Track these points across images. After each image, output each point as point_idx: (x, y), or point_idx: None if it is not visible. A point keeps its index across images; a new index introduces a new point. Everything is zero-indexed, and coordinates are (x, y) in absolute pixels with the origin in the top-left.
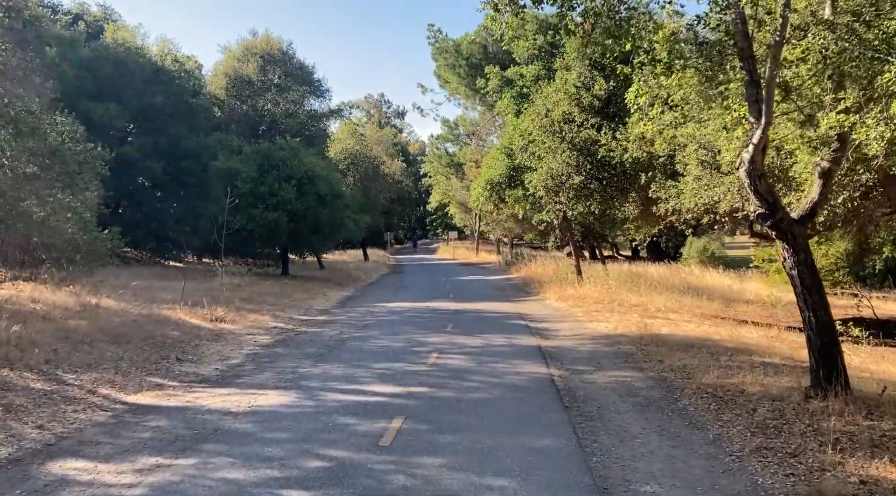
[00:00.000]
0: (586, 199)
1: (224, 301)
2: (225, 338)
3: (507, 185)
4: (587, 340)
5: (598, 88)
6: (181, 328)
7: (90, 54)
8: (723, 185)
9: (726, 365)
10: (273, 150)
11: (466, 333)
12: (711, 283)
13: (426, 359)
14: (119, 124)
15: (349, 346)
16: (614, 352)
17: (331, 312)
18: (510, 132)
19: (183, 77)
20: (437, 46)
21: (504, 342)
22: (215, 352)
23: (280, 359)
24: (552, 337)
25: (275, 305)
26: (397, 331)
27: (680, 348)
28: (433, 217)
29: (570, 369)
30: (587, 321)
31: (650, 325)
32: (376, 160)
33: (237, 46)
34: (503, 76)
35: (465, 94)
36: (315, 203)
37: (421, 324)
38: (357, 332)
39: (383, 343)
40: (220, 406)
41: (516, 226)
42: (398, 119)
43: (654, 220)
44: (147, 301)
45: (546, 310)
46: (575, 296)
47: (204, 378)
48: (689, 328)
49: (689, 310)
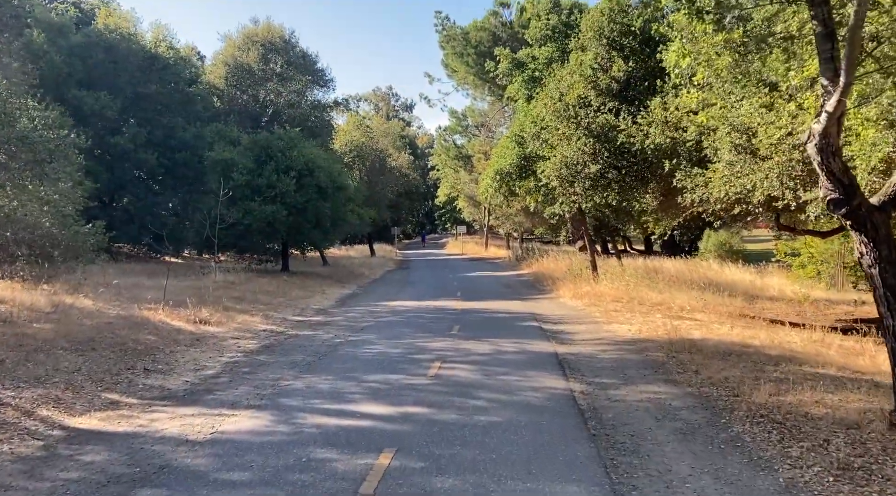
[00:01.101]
0: (603, 190)
1: (213, 300)
2: (206, 342)
3: (518, 176)
4: (609, 346)
5: (617, 69)
6: (159, 331)
7: (81, 40)
8: (760, 172)
9: (776, 378)
10: (271, 140)
11: (473, 337)
12: (732, 279)
13: (427, 370)
14: (110, 114)
15: (342, 353)
16: (642, 360)
17: (328, 312)
18: (521, 119)
19: (178, 65)
20: (444, 34)
21: (516, 348)
22: (190, 361)
23: (262, 369)
24: (569, 342)
25: (268, 305)
26: (397, 335)
27: (717, 356)
28: (442, 211)
29: (594, 383)
30: (606, 323)
31: (678, 328)
32: (383, 153)
33: (238, 35)
34: (514, 58)
35: (474, 83)
36: (316, 196)
37: (423, 327)
38: (353, 336)
39: (380, 349)
40: (178, 432)
41: (526, 219)
42: (406, 112)
43: (676, 211)
44: (129, 300)
45: (561, 310)
46: (591, 293)
47: (169, 393)
48: (723, 331)
49: (714, 309)
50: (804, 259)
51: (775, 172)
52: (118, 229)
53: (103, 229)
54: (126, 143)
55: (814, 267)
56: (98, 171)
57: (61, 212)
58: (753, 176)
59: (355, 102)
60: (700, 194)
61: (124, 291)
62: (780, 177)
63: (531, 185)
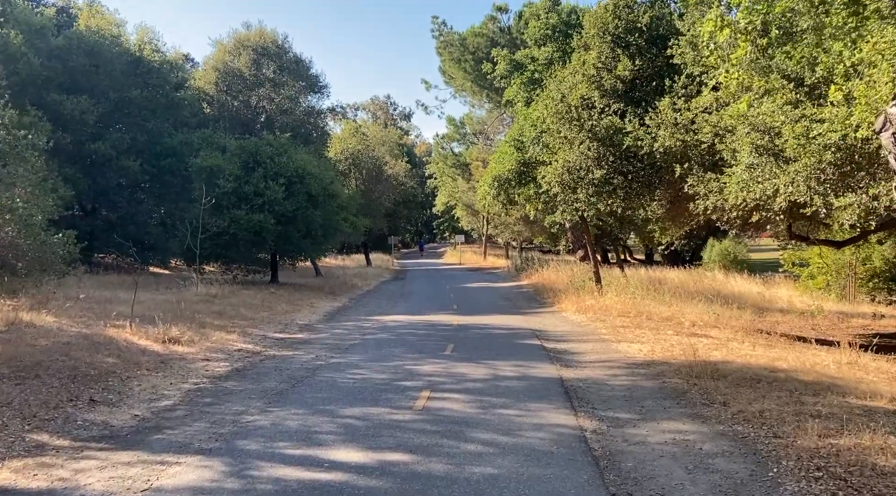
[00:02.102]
0: (608, 197)
1: (190, 315)
2: (171, 365)
3: (517, 182)
4: (621, 369)
5: (622, 68)
6: (122, 353)
7: (62, 43)
8: (784, 175)
9: (820, 412)
10: (260, 145)
11: (469, 359)
12: (739, 290)
13: (414, 401)
14: (90, 118)
15: (320, 379)
16: (659, 388)
17: (313, 328)
18: (520, 122)
19: (164, 68)
20: (441, 40)
21: (515, 372)
22: (148, 389)
23: (226, 400)
24: (575, 364)
25: (250, 320)
26: (384, 356)
27: (744, 383)
28: (440, 220)
29: (607, 418)
30: (615, 341)
31: (696, 348)
32: (379, 161)
33: (229, 39)
34: (512, 60)
35: (472, 90)
36: (306, 204)
37: (415, 346)
38: (336, 357)
39: (363, 374)
40: (103, 489)
41: (526, 228)
42: (405, 121)
43: (685, 220)
44: (98, 317)
45: (563, 326)
46: (595, 307)
47: (110, 432)
48: (744, 352)
49: (727, 324)
50: (813, 270)
51: (802, 176)
52: (99, 239)
53: (74, 239)
54: (107, 148)
55: (824, 278)
56: (77, 177)
57: (23, 219)
58: (776, 180)
59: (353, 111)
60: (714, 201)
61: (96, 306)
62: (808, 181)
63: (531, 192)
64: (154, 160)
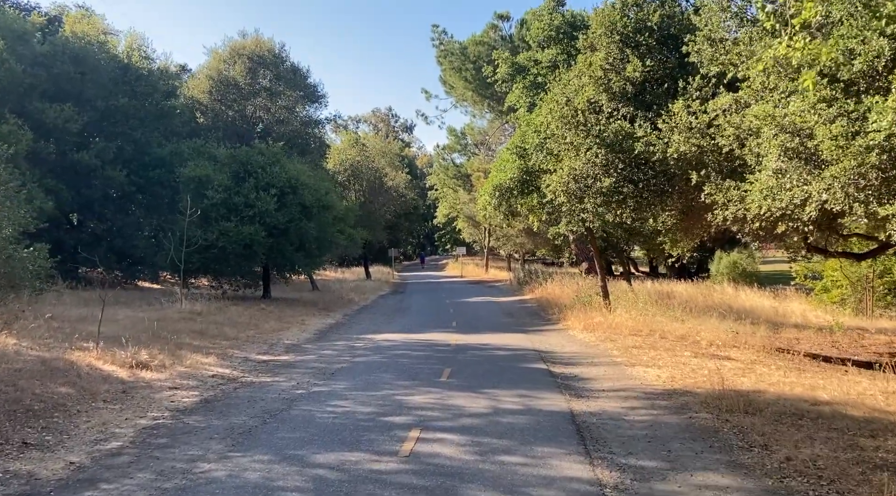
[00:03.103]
0: (617, 207)
1: (168, 336)
2: (133, 395)
3: (520, 192)
4: (639, 400)
5: (632, 70)
6: (79, 381)
7: (47, 49)
8: (818, 181)
9: (886, 461)
10: (251, 155)
11: (467, 387)
12: (750, 304)
13: (400, 443)
14: (74, 127)
15: (296, 414)
16: (686, 425)
17: (300, 349)
18: (523, 128)
19: (153, 76)
20: (441, 49)
21: (519, 405)
22: (97, 426)
23: (183, 441)
24: (587, 394)
25: (233, 340)
26: (373, 383)
27: (784, 419)
28: (441, 232)
29: (629, 468)
30: (628, 364)
31: (720, 374)
32: (379, 172)
33: (224, 48)
34: (514, 63)
35: (473, 99)
36: (299, 215)
37: (408, 371)
38: (318, 385)
39: (346, 406)
40: None
41: (528, 240)
42: (406, 133)
43: (697, 231)
44: (67, 338)
45: (571, 346)
46: (604, 325)
47: (32, 488)
48: (775, 379)
49: (746, 343)
50: (827, 283)
51: (840, 181)
52: (85, 253)
53: (46, 253)
54: (91, 158)
55: (838, 291)
56: (60, 188)
57: None
58: (809, 186)
59: (354, 123)
60: (734, 211)
61: (68, 325)
62: (847, 187)
63: (534, 202)
64: (142, 171)
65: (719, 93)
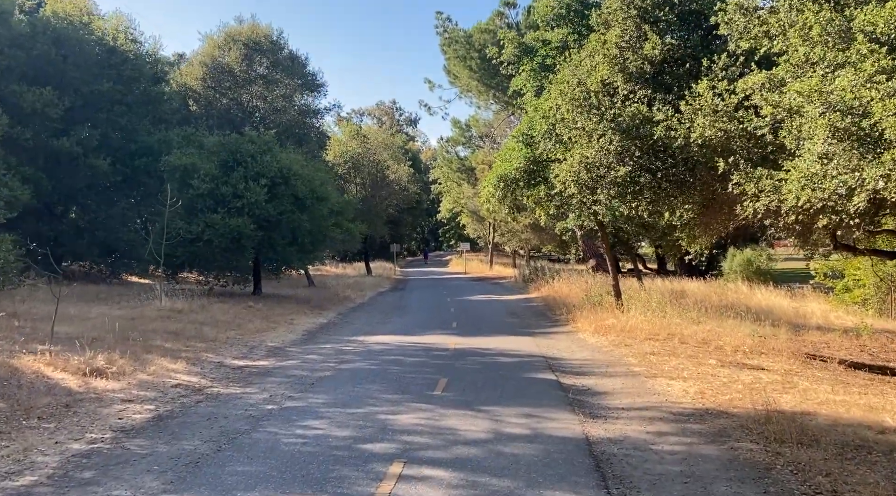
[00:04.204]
0: (633, 198)
1: (139, 337)
2: (77, 410)
3: (526, 183)
4: (666, 423)
5: (650, 48)
6: (19, 392)
7: (26, 30)
8: (874, 166)
9: None
10: (241, 143)
11: (464, 402)
12: (767, 304)
13: (376, 483)
14: (54, 112)
15: (258, 439)
16: (728, 458)
17: (283, 353)
18: (530, 114)
19: (140, 60)
20: (446, 37)
21: (525, 428)
22: (15, 453)
23: (114, 475)
24: (603, 413)
25: (211, 342)
26: (355, 398)
27: (850, 453)
28: (446, 228)
29: None
30: (649, 375)
31: (759, 388)
32: (381, 164)
33: (219, 34)
34: (520, 43)
35: (478, 89)
36: (291, 207)
37: (398, 381)
38: (293, 398)
39: (320, 428)
40: None
41: (534, 236)
42: (411, 127)
43: (717, 226)
44: (28, 339)
45: (582, 352)
46: (617, 327)
47: None
48: (822, 396)
49: (773, 349)
50: (848, 282)
51: None
52: (66, 245)
53: (10, 244)
54: (73, 145)
55: (861, 291)
56: (39, 177)
57: None
58: (861, 173)
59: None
60: (766, 202)
61: (29, 324)
62: None
63: (541, 194)
64: (129, 160)
65: (748, 72)
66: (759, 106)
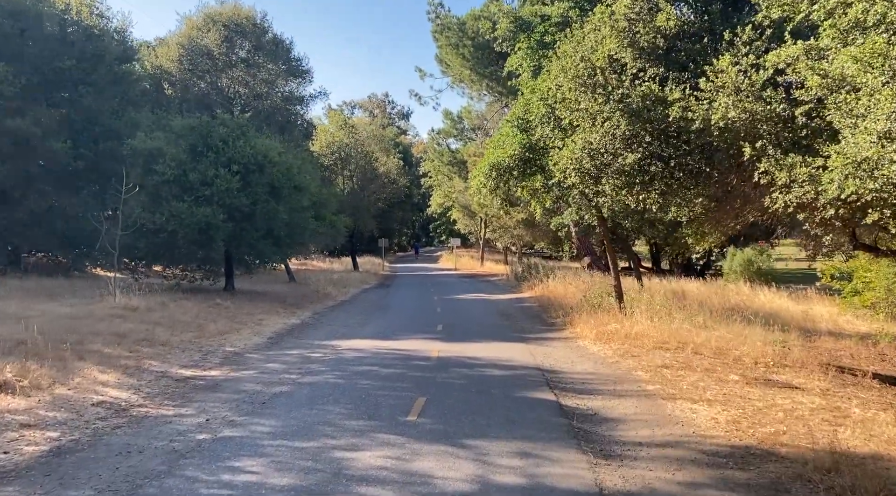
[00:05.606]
0: (642, 189)
1: (74, 340)
2: None
3: (521, 172)
4: (700, 468)
5: (664, 19)
6: None
7: None
8: None
9: None
10: (212, 126)
11: (443, 434)
12: (771, 307)
13: None
14: (9, 90)
15: (169, 488)
16: None
17: (241, 360)
18: (526, 97)
19: (105, 36)
20: (438, 23)
21: (519, 475)
22: None
23: None
24: (618, 449)
25: (161, 346)
26: (309, 426)
27: None
28: (437, 223)
29: None
30: (666, 396)
31: (808, 420)
32: (370, 157)
33: (197, 14)
34: (517, 17)
35: (470, 79)
36: (266, 197)
37: (366, 401)
38: (233, 425)
39: (252, 473)
40: None
41: (526, 232)
42: (403, 120)
43: (729, 222)
44: None
45: (583, 363)
46: (621, 333)
47: None
48: (889, 431)
49: (798, 360)
50: (858, 284)
51: None
52: (20, 235)
53: None
54: (29, 126)
55: (871, 294)
56: None
57: None
58: None
59: (349, 108)
60: (800, 193)
61: None
62: None
63: (538, 184)
64: (92, 143)
65: (775, 47)
66: (792, 83)
